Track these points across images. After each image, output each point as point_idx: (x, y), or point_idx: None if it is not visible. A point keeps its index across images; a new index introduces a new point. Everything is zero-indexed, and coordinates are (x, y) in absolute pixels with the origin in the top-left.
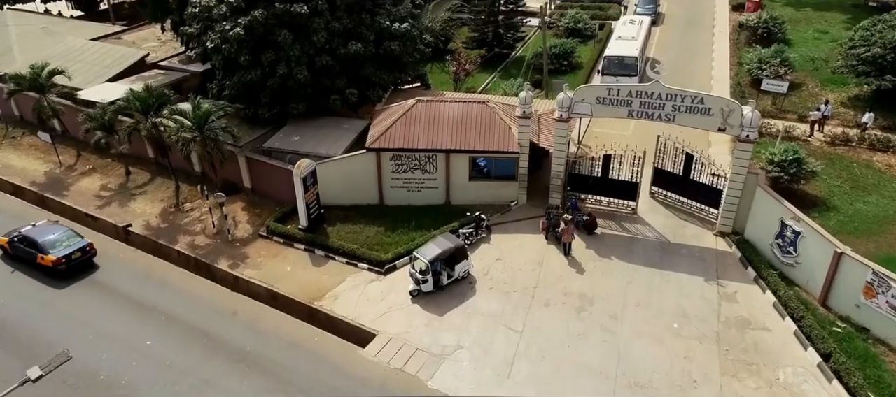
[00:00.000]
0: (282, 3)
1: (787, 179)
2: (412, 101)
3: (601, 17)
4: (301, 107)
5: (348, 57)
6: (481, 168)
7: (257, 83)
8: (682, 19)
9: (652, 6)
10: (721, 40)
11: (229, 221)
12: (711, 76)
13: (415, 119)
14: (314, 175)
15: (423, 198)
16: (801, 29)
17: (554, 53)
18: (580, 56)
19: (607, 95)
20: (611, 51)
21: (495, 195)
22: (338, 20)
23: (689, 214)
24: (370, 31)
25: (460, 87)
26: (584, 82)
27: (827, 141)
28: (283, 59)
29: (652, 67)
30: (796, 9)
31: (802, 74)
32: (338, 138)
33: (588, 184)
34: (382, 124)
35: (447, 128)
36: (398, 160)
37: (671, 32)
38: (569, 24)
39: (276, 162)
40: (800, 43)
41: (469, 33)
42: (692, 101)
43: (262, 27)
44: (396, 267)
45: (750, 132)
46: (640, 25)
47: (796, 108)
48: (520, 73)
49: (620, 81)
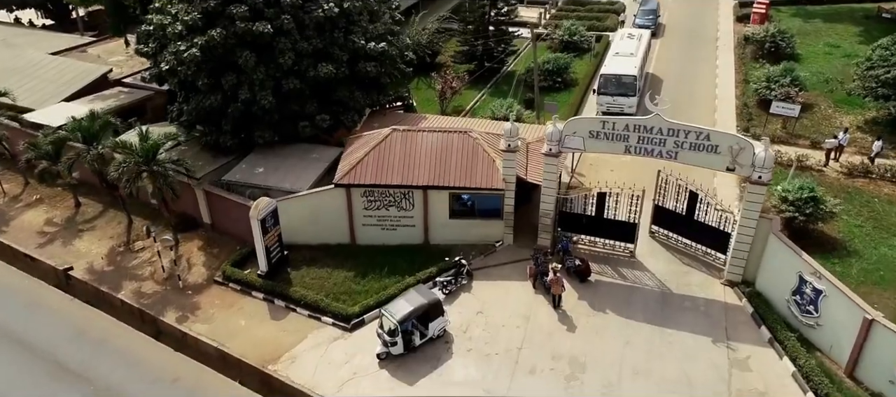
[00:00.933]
0: (243, 21)
1: (802, 220)
2: (386, 131)
3: (598, 29)
4: (267, 134)
5: (319, 80)
6: (463, 205)
7: (217, 109)
8: (683, 31)
9: (652, 17)
10: (725, 54)
11: (182, 264)
12: (716, 95)
13: (389, 151)
14: (275, 215)
15: (398, 237)
16: (810, 42)
17: (547, 69)
18: (575, 72)
19: (601, 129)
20: (607, 68)
21: (479, 234)
22: (307, 40)
23: (693, 258)
24: (343, 51)
25: (447, 105)
26: (580, 101)
27: (844, 172)
28: (246, 82)
29: (651, 99)
30: (804, 20)
31: (814, 94)
32: (306, 169)
33: (581, 224)
34: (353, 156)
35: (425, 160)
36: (370, 196)
37: (672, 45)
38: (563, 36)
39: (235, 197)
40: (810, 58)
41: (458, 46)
42: (697, 138)
43: (221, 48)
44: (364, 321)
45: (763, 173)
46: (639, 40)
47: (808, 133)
48: (510, 90)
49: (617, 101)
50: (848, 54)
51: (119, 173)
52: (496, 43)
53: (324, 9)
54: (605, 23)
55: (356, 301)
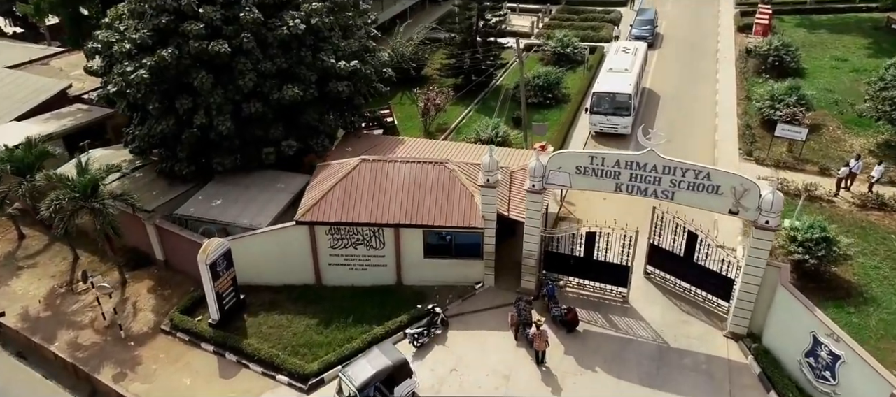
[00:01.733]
0: (198, 40)
1: (813, 263)
2: (355, 161)
3: (593, 39)
4: (227, 162)
5: (283, 103)
6: (439, 243)
7: (171, 135)
8: (682, 42)
9: (649, 28)
10: (726, 68)
11: (126, 310)
12: (716, 113)
13: (356, 184)
14: (227, 257)
15: (369, 278)
16: (816, 56)
17: (537, 84)
18: (568, 87)
19: (589, 164)
20: (600, 86)
21: (457, 275)
22: (270, 59)
23: (692, 304)
24: (311, 70)
25: (430, 123)
26: (572, 120)
27: (857, 203)
28: (202, 106)
29: (645, 133)
30: (809, 31)
31: (822, 113)
32: (269, 201)
33: (568, 265)
34: (319, 188)
35: (396, 195)
36: (336, 234)
37: (670, 58)
38: (556, 48)
39: (188, 234)
40: (816, 73)
41: (444, 59)
42: (696, 177)
43: (173, 69)
44: (323, 381)
45: (770, 218)
46: (634, 54)
47: (816, 157)
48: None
49: (611, 121)
50: (856, 69)
51: (52, 211)
52: (485, 55)
53: (289, 26)
54: (600, 33)
55: (317, 355)
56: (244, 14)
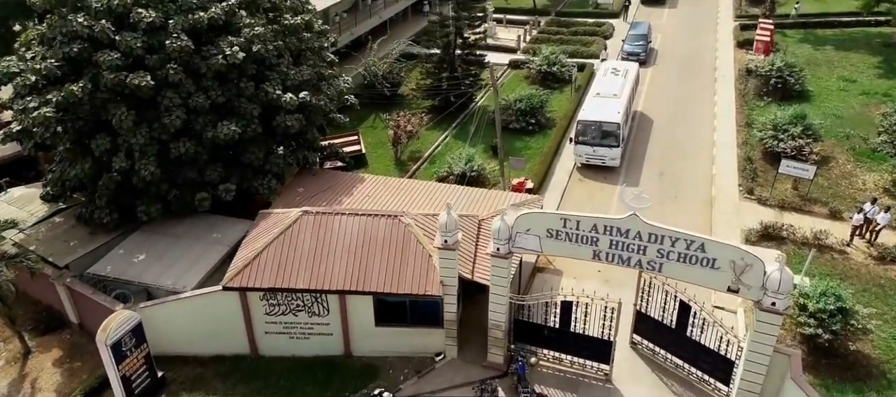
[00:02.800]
0: (114, 72)
1: (827, 339)
2: (295, 213)
3: (582, 55)
4: (152, 210)
5: (218, 142)
6: (394, 308)
7: (88, 179)
8: (678, 59)
9: (642, 44)
10: (725, 88)
11: (24, 390)
12: (714, 141)
13: (295, 241)
14: (138, 332)
15: (313, 347)
16: (821, 76)
17: (519, 109)
18: (553, 110)
19: (562, 228)
20: (586, 113)
21: (414, 345)
22: (204, 92)
23: (686, 385)
24: (253, 103)
25: (402, 152)
26: (556, 149)
27: (874, 255)
28: (123, 147)
29: (627, 197)
30: (814, 47)
31: (830, 144)
32: (200, 257)
33: (542, 336)
34: (252, 245)
35: (341, 255)
36: (272, 300)
37: (665, 76)
38: (541, 66)
39: (101, 298)
40: (822, 96)
41: (420, 79)
42: (687, 247)
43: (86, 105)
44: None
45: (777, 299)
46: (624, 77)
47: (825, 195)
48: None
49: (598, 153)
50: (866, 91)
51: None
52: (463, 75)
53: (226, 54)
54: (591, 48)
55: None
56: (170, 41)
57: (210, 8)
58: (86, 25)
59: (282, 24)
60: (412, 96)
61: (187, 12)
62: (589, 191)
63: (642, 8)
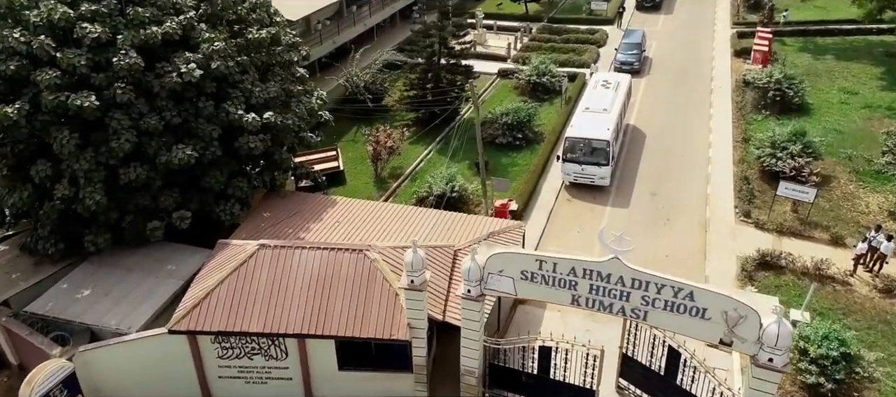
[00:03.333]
0: (53, 92)
1: (830, 389)
2: (251, 247)
3: (574, 64)
4: (100, 240)
5: (172, 167)
6: (359, 351)
7: (28, 208)
8: (673, 68)
9: (636, 53)
10: (721, 99)
11: None
12: (709, 157)
13: (251, 277)
14: (71, 384)
15: (271, 392)
16: (822, 87)
17: (505, 123)
18: (542, 123)
19: (538, 270)
20: (574, 129)
21: (381, 390)
22: (157, 113)
23: None
24: (213, 124)
25: (382, 169)
26: (543, 167)
27: (880, 288)
28: (67, 173)
29: (606, 238)
30: (814, 57)
31: (831, 162)
32: (150, 292)
33: (520, 383)
34: (205, 282)
35: (300, 294)
36: (225, 343)
37: (660, 87)
38: (530, 76)
39: (38, 340)
40: (822, 110)
41: (403, 90)
42: (674, 295)
43: (25, 128)
44: None
45: (775, 355)
46: (615, 90)
47: (826, 218)
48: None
49: (587, 172)
50: (869, 105)
51: None
52: (449, 86)
53: (181, 72)
54: (583, 57)
55: None
56: (118, 59)
57: (165, 22)
58: (23, 41)
59: (246, 39)
60: (396, 108)
61: (138, 27)
62: (577, 212)
63: (637, 14)
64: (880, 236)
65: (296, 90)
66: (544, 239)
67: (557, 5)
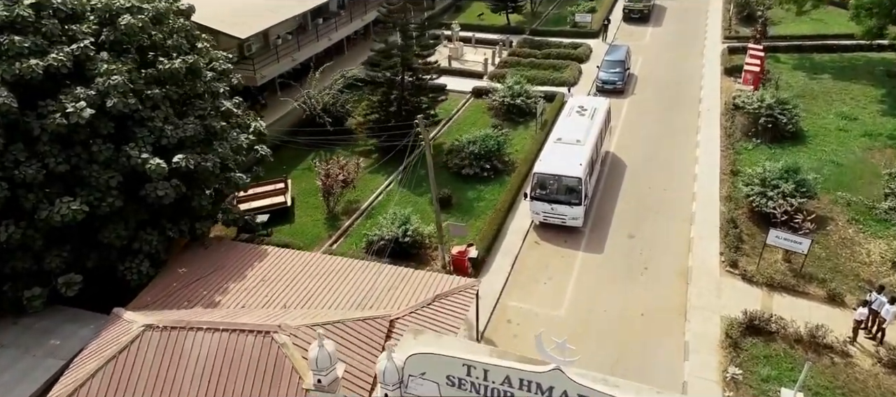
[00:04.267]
0: None
1: None
2: (136, 329)
3: (554, 82)
4: None
5: (53, 224)
6: None
7: None
8: (659, 86)
9: (619, 71)
10: (710, 124)
11: None
12: (694, 192)
13: (132, 366)
14: None
15: None
16: (818, 110)
17: (472, 153)
18: (514, 150)
19: (466, 376)
20: (543, 164)
21: None
22: (38, 160)
23: None
24: (112, 170)
25: (334, 205)
26: (510, 203)
27: (884, 361)
28: None
29: (545, 344)
30: (810, 76)
31: (826, 201)
32: (24, 376)
33: None
34: (80, 369)
35: (192, 386)
36: None
37: (644, 108)
38: (503, 98)
39: None
40: (819, 137)
41: (364, 113)
42: None
43: None
44: None
45: None
46: (591, 117)
47: (823, 269)
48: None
49: (557, 211)
50: (869, 132)
51: None
52: (415, 110)
53: (67, 112)
54: (563, 74)
55: None
56: None
57: (50, 53)
58: None
59: (159, 69)
60: (358, 131)
61: (13, 59)
62: (545, 258)
63: (624, 26)
64: (883, 297)
65: (219, 126)
66: (506, 291)
67: (541, 16)
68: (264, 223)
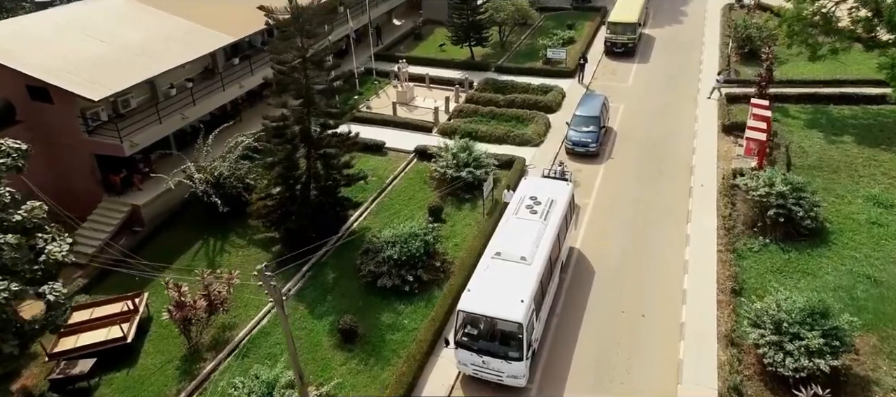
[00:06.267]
0: None
1: None
2: None
3: (514, 140)
4: None
5: None
6: None
7: None
8: (644, 147)
9: (593, 130)
10: (704, 209)
11: None
12: (682, 323)
13: None
14: None
15: None
16: (842, 191)
17: (391, 258)
18: (452, 246)
19: None
20: (471, 299)
21: None
22: None
23: None
24: None
25: (199, 335)
26: (436, 334)
27: None
28: None
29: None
30: (827, 137)
31: (866, 348)
32: None
33: None
34: None
35: None
36: None
37: (621, 180)
38: (446, 168)
39: None
40: (845, 235)
41: (259, 195)
42: None
43: None
44: None
45: None
46: (545, 217)
47: None
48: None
49: (491, 366)
50: None
51: None
52: (324, 193)
53: None
54: (526, 130)
55: None
56: None
57: None
58: None
59: None
60: (253, 217)
61: None
62: None
63: (606, 62)
64: None
65: None
66: None
67: (512, 47)
68: (86, 373)
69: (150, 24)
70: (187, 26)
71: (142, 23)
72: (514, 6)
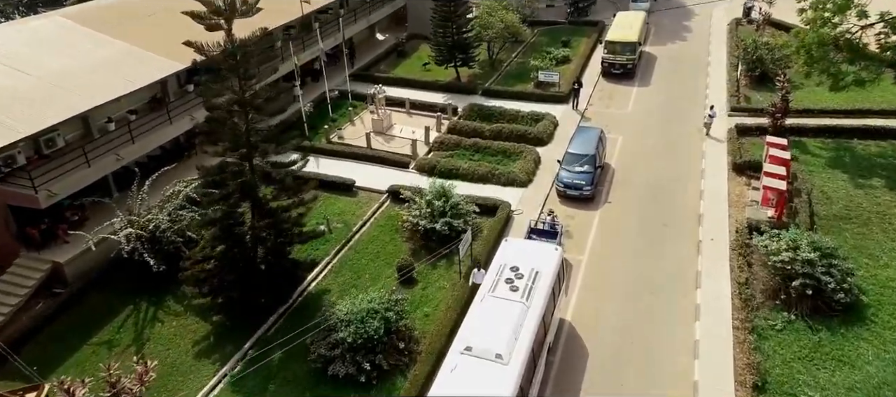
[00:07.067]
0: None
1: None
2: None
3: (498, 179)
4: None
5: None
6: None
7: None
8: (645, 188)
9: (588, 171)
10: (715, 272)
11: None
12: None
13: None
14: None
15: None
16: (875, 250)
17: (346, 341)
18: (422, 316)
19: None
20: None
21: None
22: None
23: None
24: None
25: None
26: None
27: None
28: None
29: None
30: (852, 179)
31: None
32: None
33: None
34: None
35: None
36: None
37: (621, 229)
38: (418, 220)
39: None
40: (884, 309)
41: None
42: None
43: None
44: None
45: None
46: (527, 294)
47: None
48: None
49: None
50: None
51: None
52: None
53: None
54: (512, 166)
55: None
56: None
57: None
58: None
59: None
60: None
61: None
62: None
63: (603, 84)
64: None
65: None
66: None
67: (501, 66)
68: None
69: (86, 50)
70: (130, 51)
71: (76, 48)
72: (503, 23)
